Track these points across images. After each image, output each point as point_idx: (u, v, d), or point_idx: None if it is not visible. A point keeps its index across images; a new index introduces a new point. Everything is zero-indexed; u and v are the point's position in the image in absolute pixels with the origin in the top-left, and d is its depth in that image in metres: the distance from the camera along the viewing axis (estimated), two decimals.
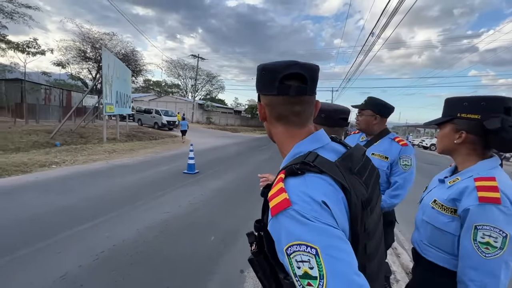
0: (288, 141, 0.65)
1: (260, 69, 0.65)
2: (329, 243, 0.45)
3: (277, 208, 0.50)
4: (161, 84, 52.10)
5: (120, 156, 8.11)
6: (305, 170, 0.53)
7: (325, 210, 0.49)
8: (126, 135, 12.57)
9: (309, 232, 0.46)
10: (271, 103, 0.64)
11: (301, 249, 0.45)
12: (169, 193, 4.76)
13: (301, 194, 0.50)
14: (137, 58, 22.34)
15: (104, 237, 2.98)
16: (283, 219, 0.49)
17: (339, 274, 0.44)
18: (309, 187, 0.51)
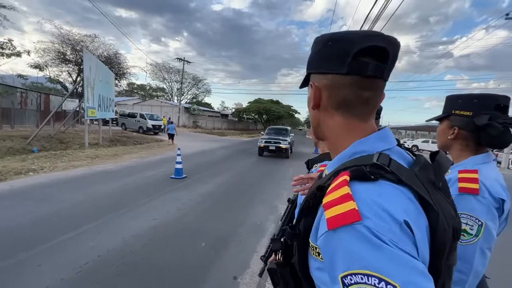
0: (347, 136, 0.51)
1: (324, 40, 0.51)
2: (410, 279, 0.33)
3: (339, 221, 0.38)
4: (146, 87, 51.13)
5: (103, 162, 7.81)
6: (379, 175, 0.42)
7: (406, 233, 0.37)
8: (109, 140, 12.14)
9: (385, 261, 0.34)
10: (334, 85, 0.49)
11: (370, 282, 0.34)
12: (157, 199, 4.62)
13: (375, 206, 0.38)
14: (121, 60, 21.84)
15: (87, 247, 2.82)
16: (346, 236, 0.37)
17: None
18: (385, 199, 0.39)
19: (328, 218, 0.39)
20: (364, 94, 0.48)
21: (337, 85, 0.49)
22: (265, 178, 7.17)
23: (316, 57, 0.53)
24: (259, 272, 1.42)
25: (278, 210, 4.52)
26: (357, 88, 0.48)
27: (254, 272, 2.59)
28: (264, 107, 42.46)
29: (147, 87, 51.42)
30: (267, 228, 3.73)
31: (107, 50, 20.68)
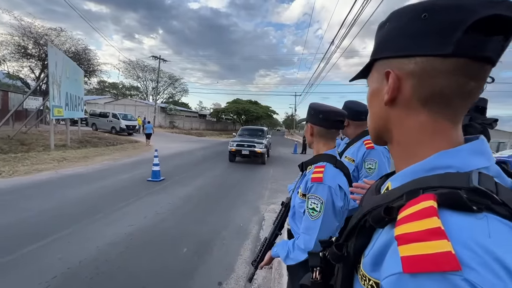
0: (429, 141, 0.39)
1: (415, 11, 0.37)
2: None
3: (424, 265, 0.27)
4: (118, 86, 48.74)
5: (71, 164, 7.26)
6: (483, 206, 0.30)
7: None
8: (79, 141, 11.34)
9: None
10: (427, 71, 0.36)
11: None
12: (133, 204, 4.37)
13: (482, 252, 0.27)
14: (90, 57, 20.60)
15: (55, 259, 2.58)
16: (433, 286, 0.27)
17: None
18: (497, 243, 0.27)
19: (405, 257, 0.29)
20: (468, 85, 0.36)
21: (432, 72, 0.36)
22: (246, 179, 7.11)
23: (397, 35, 0.39)
24: (248, 277, 1.37)
25: (261, 211, 4.49)
26: (462, 75, 0.35)
27: (239, 277, 2.52)
28: (242, 107, 42.35)
29: (120, 85, 49.04)
30: (250, 230, 3.68)
31: (75, 45, 19.40)
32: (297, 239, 1.09)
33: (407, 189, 0.36)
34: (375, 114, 0.46)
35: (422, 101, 0.38)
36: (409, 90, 0.39)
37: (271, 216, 4.28)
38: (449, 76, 0.35)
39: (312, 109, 1.17)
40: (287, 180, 7.09)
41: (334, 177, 1.06)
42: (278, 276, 2.39)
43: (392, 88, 0.39)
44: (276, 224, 1.30)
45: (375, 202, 0.40)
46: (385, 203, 0.37)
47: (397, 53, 0.39)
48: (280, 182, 6.86)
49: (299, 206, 1.14)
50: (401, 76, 0.39)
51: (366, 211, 0.40)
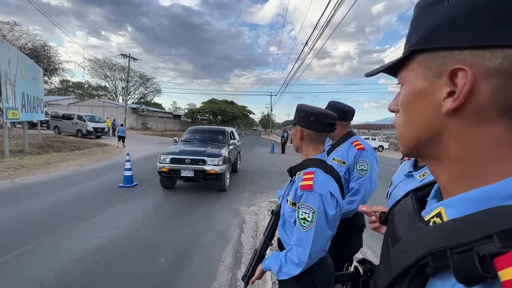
0: (504, 159, 0.29)
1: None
2: None
3: None
4: (84, 85, 45.62)
5: (30, 172, 6.60)
6: None
7: None
8: (39, 146, 10.38)
9: None
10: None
11: None
12: (103, 212, 4.06)
13: None
14: (50, 54, 19.07)
15: (12, 281, 2.28)
16: None
17: None
18: None
19: None
20: None
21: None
22: None
23: (473, 16, 0.28)
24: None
25: (241, 214, 4.40)
26: None
27: (221, 285, 2.42)
28: (218, 107, 41.85)
29: (86, 85, 45.94)
30: (231, 234, 3.58)
31: (32, 41, 17.83)
32: (290, 251, 1.02)
33: (495, 228, 0.24)
34: (420, 122, 0.34)
35: (505, 110, 0.28)
36: (488, 95, 0.28)
37: (252, 218, 4.22)
38: None
39: (302, 111, 1.11)
40: (266, 181, 7.08)
41: (324, 183, 1.01)
42: (262, 281, 2.33)
43: (464, 91, 0.28)
44: (267, 235, 1.23)
45: (438, 240, 0.28)
46: (465, 246, 0.25)
47: (477, 42, 0.27)
48: (259, 183, 6.82)
49: (289, 215, 1.08)
50: (478, 76, 0.28)
51: (428, 252, 0.28)
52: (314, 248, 0.96)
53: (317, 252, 0.98)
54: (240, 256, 2.99)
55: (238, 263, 2.82)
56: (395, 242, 0.36)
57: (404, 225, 0.37)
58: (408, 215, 0.38)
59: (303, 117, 1.10)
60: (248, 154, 14.23)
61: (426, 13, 0.32)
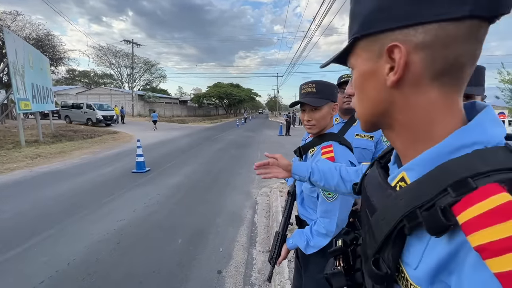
0: (443, 119, 0.34)
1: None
2: None
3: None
4: (90, 74, 45.73)
5: (47, 161, 6.81)
6: None
7: None
8: (52, 136, 10.64)
9: None
10: (441, 40, 0.31)
11: None
12: (119, 198, 4.19)
13: None
14: (55, 43, 19.02)
15: (41, 263, 2.42)
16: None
17: None
18: None
19: (501, 275, 0.23)
20: (478, 50, 0.32)
21: (446, 40, 0.31)
22: (234, 164, 7.04)
23: (397, 1, 0.33)
24: (267, 277, 1.31)
25: (253, 196, 4.47)
26: (475, 40, 0.31)
27: (238, 263, 2.50)
28: (224, 91, 41.49)
29: (92, 73, 46.03)
30: (244, 215, 3.65)
31: (35, 31, 17.75)
32: (315, 225, 1.04)
33: (449, 181, 0.29)
34: (372, 99, 0.39)
35: (434, 76, 0.33)
36: (419, 65, 0.33)
37: (264, 199, 4.27)
38: (464, 42, 0.31)
39: (334, 87, 1.13)
40: None
41: (344, 154, 1.04)
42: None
43: (401, 66, 0.33)
44: (286, 216, 1.24)
45: (408, 203, 0.32)
46: (429, 203, 0.30)
47: (402, 22, 0.33)
48: None
49: (310, 191, 1.09)
50: (409, 50, 0.33)
51: (403, 215, 0.32)
52: (340, 217, 1.00)
53: (342, 220, 1.02)
54: (254, 236, 3.06)
55: (253, 243, 2.90)
56: (372, 212, 0.41)
57: (377, 195, 0.43)
58: (378, 185, 0.43)
59: (336, 93, 1.15)
60: (257, 136, 14.23)
61: (361, 4, 0.37)
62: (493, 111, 0.34)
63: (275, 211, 3.44)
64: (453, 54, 0.32)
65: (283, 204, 3.64)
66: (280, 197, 4.00)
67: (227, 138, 13.01)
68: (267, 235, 3.06)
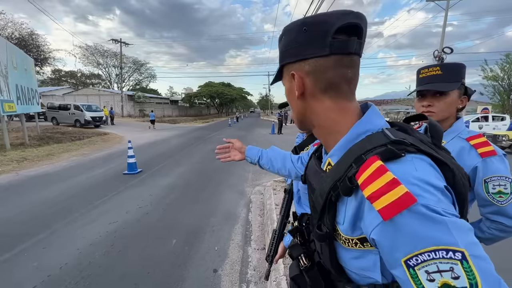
0: (340, 118, 0.51)
1: (297, 27, 0.49)
2: (469, 239, 0.35)
3: (396, 208, 0.37)
4: (77, 74, 44.61)
5: (34, 164, 6.63)
6: (404, 151, 0.42)
7: (448, 198, 0.40)
8: (39, 138, 10.35)
9: (447, 232, 0.35)
10: (318, 69, 0.49)
11: (439, 255, 0.35)
12: (111, 199, 4.13)
13: (420, 182, 0.39)
14: (39, 43, 18.47)
15: (32, 268, 2.37)
16: (407, 221, 0.37)
17: (490, 278, 0.34)
18: (421, 172, 0.40)
19: (381, 209, 0.38)
20: (347, 73, 0.49)
21: (321, 69, 0.48)
22: (228, 163, 6.98)
23: (291, 46, 0.51)
24: (265, 275, 1.33)
25: (247, 194, 4.48)
26: (341, 67, 0.48)
27: (234, 261, 2.52)
28: (216, 90, 41.23)
29: (79, 73, 44.91)
30: (239, 214, 3.67)
31: (18, 30, 17.17)
32: None
33: (352, 158, 0.45)
34: (295, 107, 0.56)
35: (322, 91, 0.50)
36: (311, 84, 0.51)
37: (258, 198, 4.30)
38: (333, 69, 0.48)
39: None
40: None
41: None
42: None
43: (298, 85, 0.51)
44: (283, 213, 1.25)
45: (332, 179, 0.48)
46: (343, 176, 0.45)
47: (296, 58, 0.51)
48: None
49: (305, 189, 1.10)
50: (302, 76, 0.51)
51: (330, 188, 0.47)
52: None
53: None
54: (249, 234, 3.08)
55: (248, 241, 2.92)
56: (313, 192, 0.56)
57: (315, 179, 0.59)
58: (315, 171, 0.60)
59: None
60: (250, 135, 14.23)
61: (279, 44, 0.55)
62: (375, 108, 0.53)
63: (269, 209, 3.46)
64: (329, 77, 0.49)
65: (277, 201, 3.68)
66: (274, 195, 4.03)
67: (220, 138, 12.97)
68: (262, 233, 3.09)
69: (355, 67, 0.50)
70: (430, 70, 1.00)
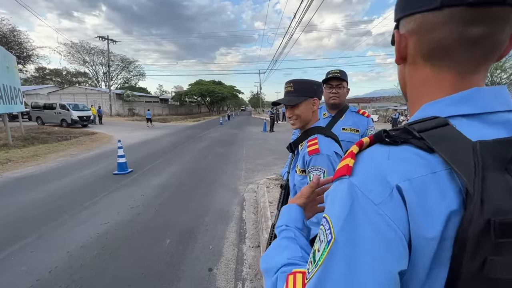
0: (429, 94, 0.41)
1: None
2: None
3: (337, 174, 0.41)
4: (62, 72, 43.29)
5: (19, 165, 6.40)
6: (401, 140, 0.36)
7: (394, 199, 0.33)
8: (23, 139, 9.99)
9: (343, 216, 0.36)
10: (423, 27, 0.38)
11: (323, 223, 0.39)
12: (102, 200, 4.04)
13: (371, 166, 0.38)
14: (21, 39, 17.78)
15: (20, 272, 2.29)
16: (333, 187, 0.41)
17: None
18: (390, 162, 0.36)
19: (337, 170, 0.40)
20: (470, 32, 0.35)
21: (428, 26, 0.38)
22: (220, 161, 7.00)
23: (396, 2, 0.42)
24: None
25: (240, 192, 4.48)
26: (459, 24, 0.35)
27: (228, 260, 2.51)
28: (206, 88, 40.85)
29: (64, 71, 43.57)
30: (232, 212, 3.66)
31: None
32: None
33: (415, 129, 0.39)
34: (398, 74, 0.48)
35: (425, 56, 0.40)
36: (413, 47, 0.42)
37: (251, 196, 4.30)
38: (444, 27, 0.36)
39: (314, 84, 1.16)
40: (261, 159, 7.14)
41: (328, 145, 1.09)
42: None
43: (398, 48, 0.43)
44: (280, 208, 1.26)
45: None
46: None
47: (401, 14, 0.42)
48: (255, 161, 6.88)
49: (301, 183, 1.12)
50: (406, 35, 0.42)
51: None
52: None
53: None
54: (243, 232, 3.08)
55: (242, 239, 2.91)
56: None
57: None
58: None
59: (316, 89, 1.16)
60: (242, 134, 14.21)
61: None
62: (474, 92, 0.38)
63: (263, 207, 3.47)
64: (436, 38, 0.38)
65: (270, 199, 3.69)
66: (267, 192, 4.04)
67: (211, 136, 12.88)
68: (256, 231, 3.09)
69: (493, 22, 0.34)
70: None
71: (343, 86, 1.63)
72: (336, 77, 1.60)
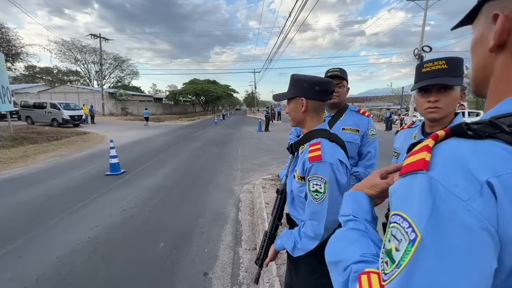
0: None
1: None
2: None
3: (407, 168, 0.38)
4: (53, 71, 42.42)
5: (7, 166, 6.21)
6: (487, 134, 0.34)
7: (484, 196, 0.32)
8: (12, 139, 9.72)
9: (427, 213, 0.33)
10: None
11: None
12: (93, 202, 3.92)
13: (454, 160, 0.34)
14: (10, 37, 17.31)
15: (5, 280, 2.19)
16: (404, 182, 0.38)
17: None
18: (476, 156, 0.33)
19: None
20: None
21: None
22: (215, 161, 6.92)
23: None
24: (254, 278, 1.27)
25: (236, 193, 4.41)
26: None
27: (224, 264, 2.45)
28: (201, 88, 40.56)
29: (55, 70, 42.70)
30: (228, 213, 3.59)
31: None
32: (303, 227, 0.99)
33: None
34: (477, 64, 0.42)
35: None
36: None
37: (247, 196, 4.24)
38: None
39: (304, 82, 1.02)
40: (256, 159, 7.09)
41: (332, 152, 0.97)
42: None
43: (500, 31, 0.36)
44: (275, 215, 1.19)
45: None
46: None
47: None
48: (250, 161, 6.82)
49: (298, 190, 1.03)
50: (509, 18, 0.35)
51: None
52: (329, 219, 0.93)
53: (331, 222, 0.94)
54: (239, 234, 3.02)
55: (238, 241, 2.86)
56: None
57: None
58: None
59: (307, 88, 1.01)
60: (237, 133, 14.13)
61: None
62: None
63: (259, 208, 3.42)
64: None
65: (266, 200, 3.64)
66: (263, 193, 3.99)
67: (206, 136, 12.77)
68: (252, 233, 3.04)
69: None
70: (435, 64, 0.96)
71: (343, 85, 1.58)
72: (336, 75, 1.55)
